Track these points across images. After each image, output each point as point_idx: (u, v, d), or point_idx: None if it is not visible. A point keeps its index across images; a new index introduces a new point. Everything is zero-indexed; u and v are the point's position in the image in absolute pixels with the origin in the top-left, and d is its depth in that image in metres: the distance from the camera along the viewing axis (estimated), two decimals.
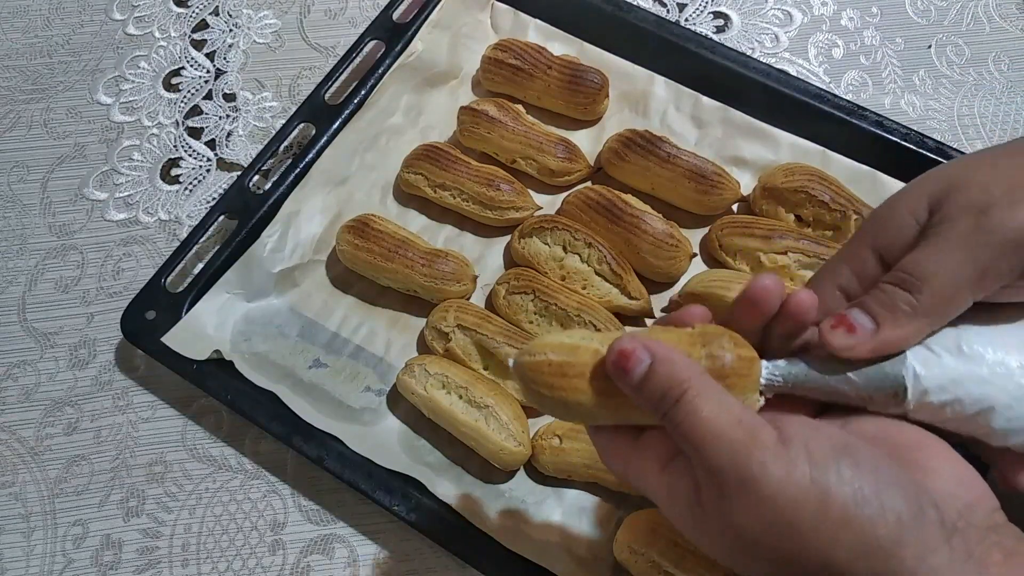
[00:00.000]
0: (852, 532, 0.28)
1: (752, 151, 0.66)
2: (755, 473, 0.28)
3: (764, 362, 0.33)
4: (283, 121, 0.68)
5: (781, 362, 0.34)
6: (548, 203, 0.66)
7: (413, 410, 0.58)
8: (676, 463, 0.32)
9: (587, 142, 0.68)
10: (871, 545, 0.28)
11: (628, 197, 0.62)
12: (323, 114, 0.68)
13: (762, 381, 0.33)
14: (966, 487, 0.30)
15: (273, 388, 0.57)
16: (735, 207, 0.65)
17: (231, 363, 0.58)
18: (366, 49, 0.71)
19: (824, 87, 0.67)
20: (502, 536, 0.53)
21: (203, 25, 0.78)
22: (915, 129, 0.64)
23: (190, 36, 0.78)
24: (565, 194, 0.65)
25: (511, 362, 0.33)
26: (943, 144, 0.63)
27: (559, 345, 0.32)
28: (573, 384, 0.32)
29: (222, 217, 0.65)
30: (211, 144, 0.72)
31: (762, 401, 0.34)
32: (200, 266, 0.64)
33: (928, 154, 0.63)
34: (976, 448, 0.35)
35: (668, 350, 0.31)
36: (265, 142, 0.68)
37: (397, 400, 0.59)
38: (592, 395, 0.32)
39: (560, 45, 0.71)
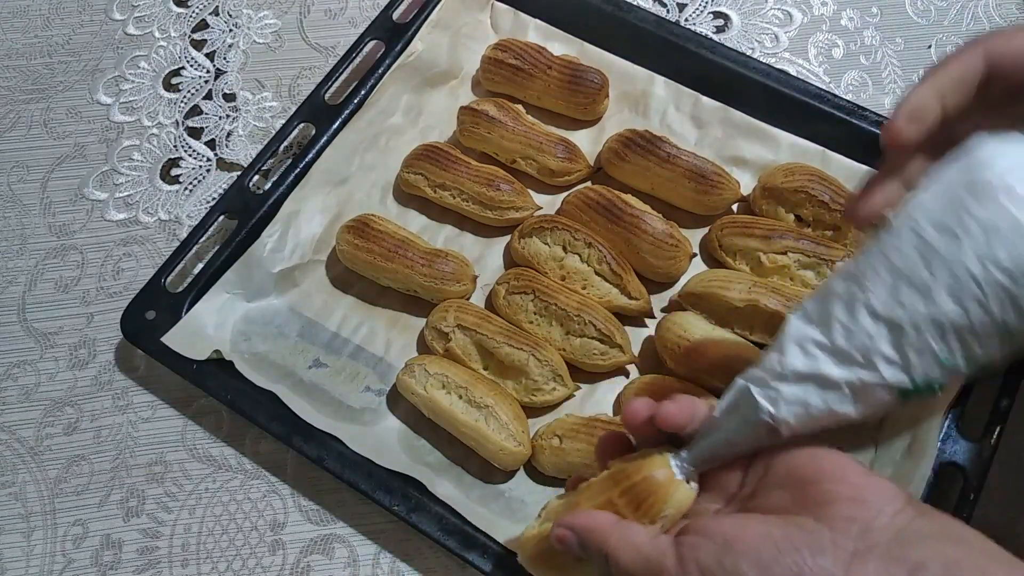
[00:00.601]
0: None
1: (752, 151, 0.66)
2: None
3: (672, 460, 0.38)
4: (283, 121, 0.68)
5: (684, 453, 0.38)
6: (548, 203, 0.66)
7: (413, 410, 0.58)
8: None
9: (587, 142, 0.68)
10: None
11: (628, 197, 0.62)
12: (323, 114, 0.68)
13: (679, 476, 0.38)
14: (862, 505, 0.33)
15: (273, 388, 0.57)
16: (735, 207, 0.65)
17: (231, 363, 0.58)
18: (366, 49, 0.71)
19: (824, 87, 0.67)
20: (502, 536, 0.53)
21: (203, 25, 0.78)
22: None
23: (190, 36, 0.78)
24: (565, 194, 0.65)
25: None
26: None
27: (533, 537, 0.42)
28: (556, 563, 0.42)
29: (222, 217, 0.65)
30: (211, 144, 0.72)
31: (695, 488, 0.38)
32: (200, 266, 0.64)
33: None
34: None
35: (585, 521, 0.37)
36: (265, 142, 0.68)
37: (397, 400, 0.59)
38: (571, 562, 0.41)
39: (560, 45, 0.71)
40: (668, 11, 0.76)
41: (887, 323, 0.34)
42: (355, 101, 0.68)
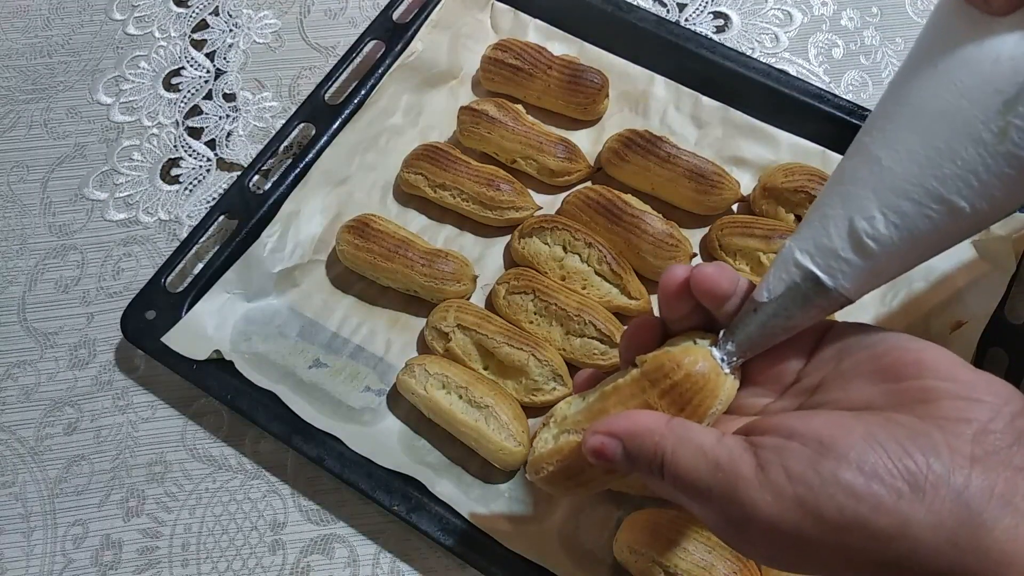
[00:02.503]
0: (855, 535, 0.27)
1: (752, 151, 0.66)
2: (749, 510, 0.29)
3: (713, 350, 0.34)
4: (283, 121, 0.68)
5: (727, 340, 0.34)
6: (548, 203, 0.66)
7: (413, 410, 0.58)
8: None
9: (587, 142, 0.68)
10: (879, 539, 0.27)
11: (628, 197, 0.62)
12: (323, 114, 0.68)
13: (725, 370, 0.33)
14: (977, 405, 0.28)
15: (273, 388, 0.57)
16: (735, 207, 0.65)
17: (231, 363, 0.58)
18: (366, 49, 0.71)
19: (824, 87, 0.67)
20: (502, 536, 0.53)
21: (203, 25, 0.78)
22: None
23: (190, 36, 0.78)
24: (565, 194, 0.65)
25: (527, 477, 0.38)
26: None
27: (550, 453, 0.37)
28: (580, 479, 0.36)
29: (222, 217, 0.65)
30: (211, 144, 0.72)
31: (737, 380, 0.34)
32: (200, 266, 0.64)
33: None
34: None
35: (630, 423, 0.32)
36: (265, 142, 0.68)
37: (397, 400, 0.59)
38: (599, 476, 0.36)
39: (560, 45, 0.71)
40: (668, 11, 0.76)
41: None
42: (355, 101, 0.68)
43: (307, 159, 0.66)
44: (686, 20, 0.76)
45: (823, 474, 0.27)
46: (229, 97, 0.75)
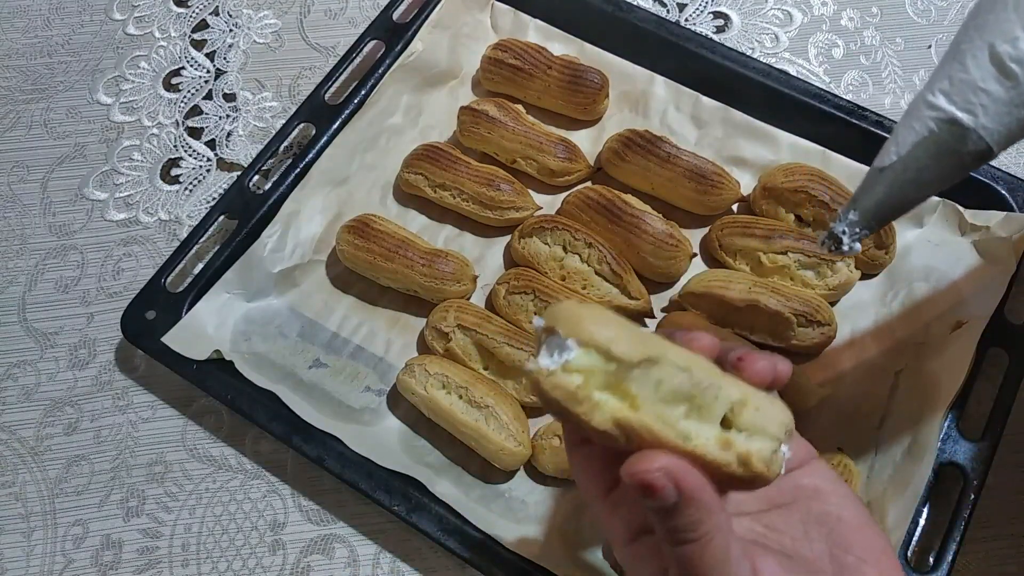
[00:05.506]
0: None
1: (752, 151, 0.66)
2: None
3: (785, 451, 0.29)
4: (283, 121, 0.68)
5: (850, 213, 0.31)
6: (548, 203, 0.66)
7: (413, 410, 0.58)
8: (644, 541, 0.32)
9: (587, 142, 0.68)
10: None
11: (628, 197, 0.62)
12: (323, 114, 0.68)
13: (782, 472, 0.29)
14: None
15: (273, 388, 0.57)
16: (735, 207, 0.65)
17: (231, 363, 0.58)
18: (366, 49, 0.71)
19: (824, 87, 0.67)
20: (502, 536, 0.53)
21: (203, 25, 0.78)
22: None
23: (190, 36, 0.78)
24: (565, 194, 0.65)
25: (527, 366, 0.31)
26: None
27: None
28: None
29: (222, 217, 0.65)
30: (211, 144, 0.72)
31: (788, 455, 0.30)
32: (200, 266, 0.64)
33: None
34: None
35: (695, 486, 0.27)
36: (265, 142, 0.68)
37: (397, 400, 0.59)
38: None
39: (560, 45, 0.71)
40: (668, 11, 0.76)
41: None
42: (355, 101, 0.68)
43: (307, 159, 0.66)
44: (686, 20, 0.76)
45: None
46: (229, 97, 0.75)
